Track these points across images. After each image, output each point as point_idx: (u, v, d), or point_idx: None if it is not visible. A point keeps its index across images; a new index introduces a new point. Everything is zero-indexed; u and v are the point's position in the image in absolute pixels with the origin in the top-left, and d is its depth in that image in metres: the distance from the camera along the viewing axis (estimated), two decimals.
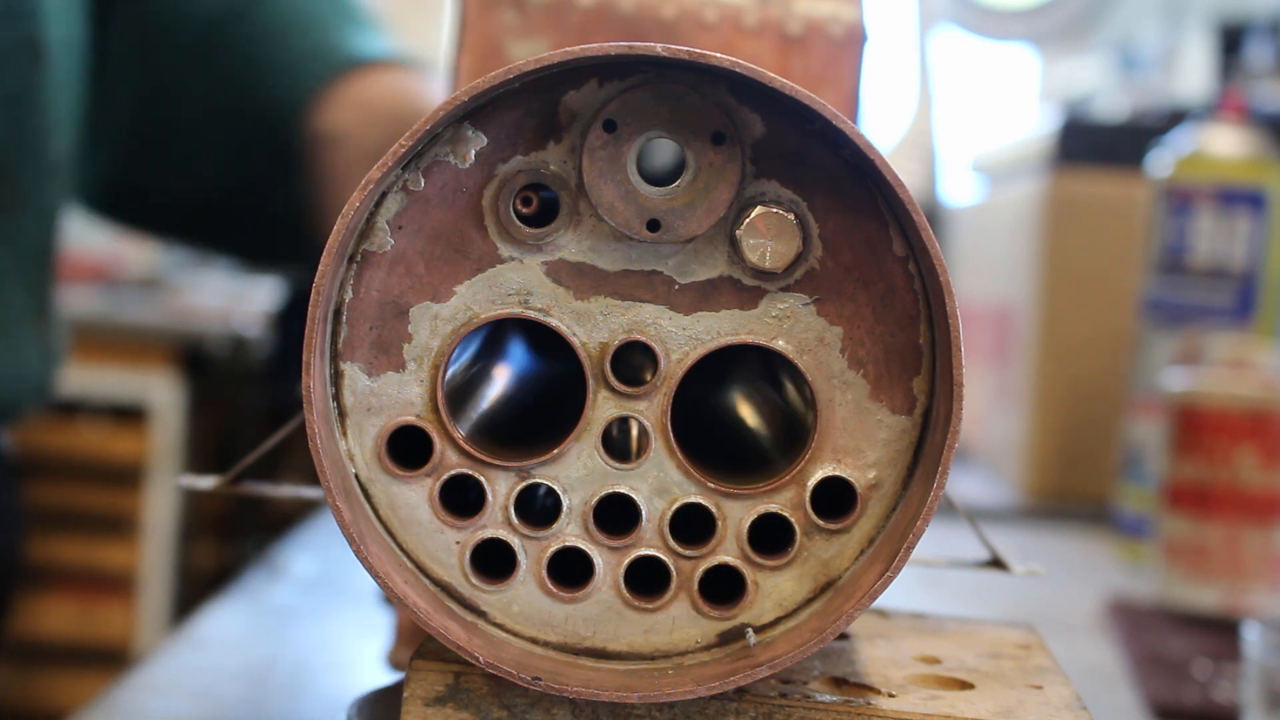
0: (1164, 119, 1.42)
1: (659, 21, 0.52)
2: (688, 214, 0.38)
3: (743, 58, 0.37)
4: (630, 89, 0.38)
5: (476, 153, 0.38)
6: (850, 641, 0.45)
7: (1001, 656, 0.45)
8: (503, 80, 0.36)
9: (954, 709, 0.39)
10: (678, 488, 0.39)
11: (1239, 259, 1.13)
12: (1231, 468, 0.95)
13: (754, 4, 0.53)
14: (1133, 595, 0.99)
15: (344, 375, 0.39)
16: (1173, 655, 0.84)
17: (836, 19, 0.53)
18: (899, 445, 0.39)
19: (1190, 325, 1.13)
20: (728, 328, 0.39)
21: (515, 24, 0.52)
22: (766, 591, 0.39)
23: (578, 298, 0.39)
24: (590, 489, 0.39)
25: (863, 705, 0.39)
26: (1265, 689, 0.69)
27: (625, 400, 0.39)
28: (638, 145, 0.38)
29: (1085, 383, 1.34)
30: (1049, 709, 0.40)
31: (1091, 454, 1.32)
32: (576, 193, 0.38)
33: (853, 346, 0.39)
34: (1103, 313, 1.34)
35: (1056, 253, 1.35)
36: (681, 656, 0.39)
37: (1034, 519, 1.28)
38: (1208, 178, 1.13)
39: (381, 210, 0.38)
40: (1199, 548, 0.95)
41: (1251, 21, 1.93)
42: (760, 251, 0.38)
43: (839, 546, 0.39)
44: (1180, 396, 0.98)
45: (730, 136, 0.38)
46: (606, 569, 0.39)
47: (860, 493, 0.39)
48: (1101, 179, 1.35)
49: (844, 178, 0.38)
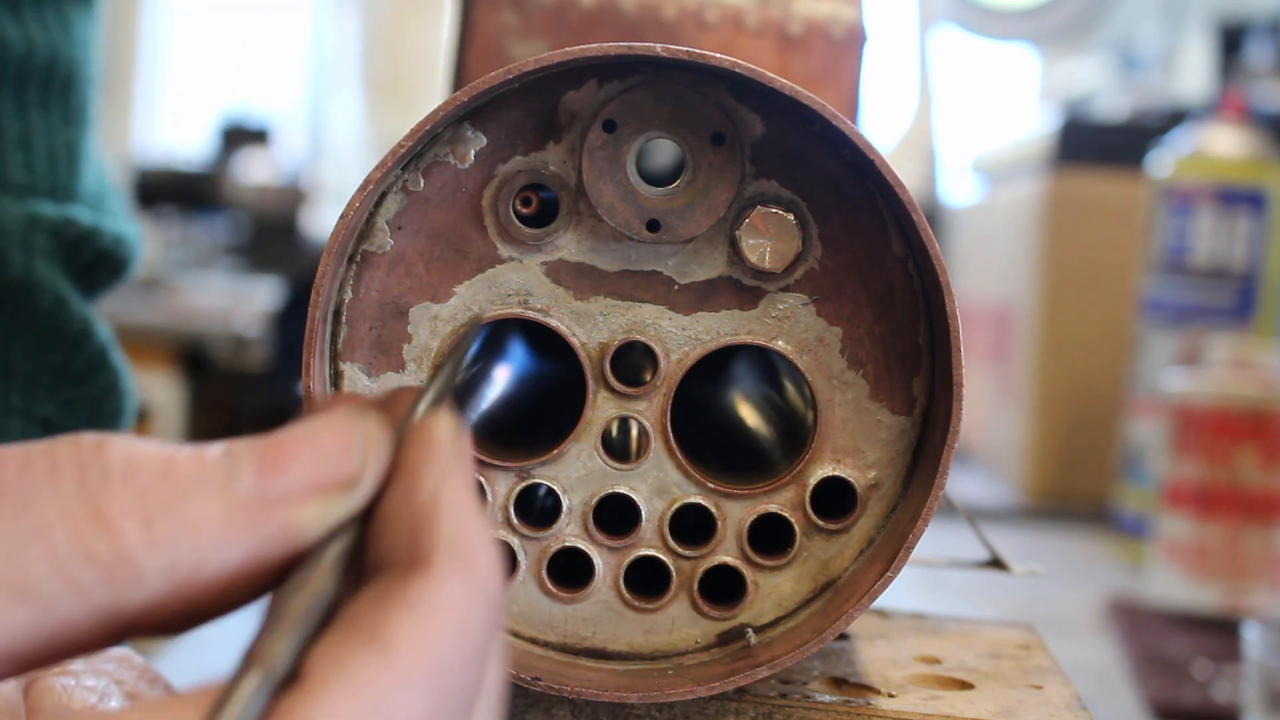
0: (1164, 119, 1.42)
1: (659, 22, 0.52)
2: (687, 214, 0.38)
3: (743, 58, 0.37)
4: (630, 89, 0.37)
5: (476, 153, 0.38)
6: (850, 641, 0.45)
7: (1001, 656, 0.45)
8: (503, 80, 0.36)
9: (954, 709, 0.39)
10: (677, 488, 0.39)
11: (1239, 259, 1.13)
12: (1231, 468, 0.95)
13: (754, 4, 0.53)
14: (1133, 595, 0.99)
15: (344, 375, 0.39)
16: (1173, 655, 0.84)
17: (836, 19, 0.53)
18: (899, 445, 0.39)
19: (1190, 325, 1.13)
20: (727, 328, 0.39)
21: (516, 24, 0.52)
22: (766, 591, 0.39)
23: (577, 298, 0.39)
24: (590, 489, 0.39)
25: (862, 705, 0.39)
26: (1265, 689, 0.69)
27: (625, 400, 0.39)
28: (637, 145, 0.38)
29: (1085, 383, 1.34)
30: (1049, 709, 0.40)
31: (1091, 454, 1.32)
32: (576, 193, 0.38)
33: (852, 346, 0.39)
34: (1103, 313, 1.34)
35: (1056, 253, 1.35)
36: (681, 657, 0.39)
37: (1034, 519, 1.28)
38: (1208, 178, 1.12)
39: (381, 210, 0.38)
40: (1199, 548, 0.95)
41: (1251, 21, 1.93)
42: (760, 251, 0.38)
43: (839, 547, 0.39)
44: (1180, 396, 0.98)
45: (730, 136, 0.38)
46: (606, 569, 0.39)
47: (860, 493, 0.39)
48: (1101, 179, 1.35)
49: (843, 178, 0.38)
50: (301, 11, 4.20)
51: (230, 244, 2.90)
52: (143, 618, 0.24)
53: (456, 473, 0.25)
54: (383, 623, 0.23)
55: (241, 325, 2.53)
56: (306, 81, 4.18)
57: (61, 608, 0.23)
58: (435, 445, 0.26)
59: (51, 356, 0.53)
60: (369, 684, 0.22)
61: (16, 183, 0.54)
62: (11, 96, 0.55)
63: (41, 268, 0.53)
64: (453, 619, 0.24)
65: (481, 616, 0.24)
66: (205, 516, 0.24)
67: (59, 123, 0.56)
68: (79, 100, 0.57)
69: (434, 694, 0.23)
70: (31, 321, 0.52)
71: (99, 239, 0.54)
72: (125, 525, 0.23)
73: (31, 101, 0.55)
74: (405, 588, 0.24)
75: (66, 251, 0.54)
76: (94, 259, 0.55)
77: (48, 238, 0.53)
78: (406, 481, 0.25)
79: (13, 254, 0.52)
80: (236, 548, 0.24)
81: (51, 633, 0.23)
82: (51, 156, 0.56)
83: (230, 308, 2.61)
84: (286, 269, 2.67)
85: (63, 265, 0.54)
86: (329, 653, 0.23)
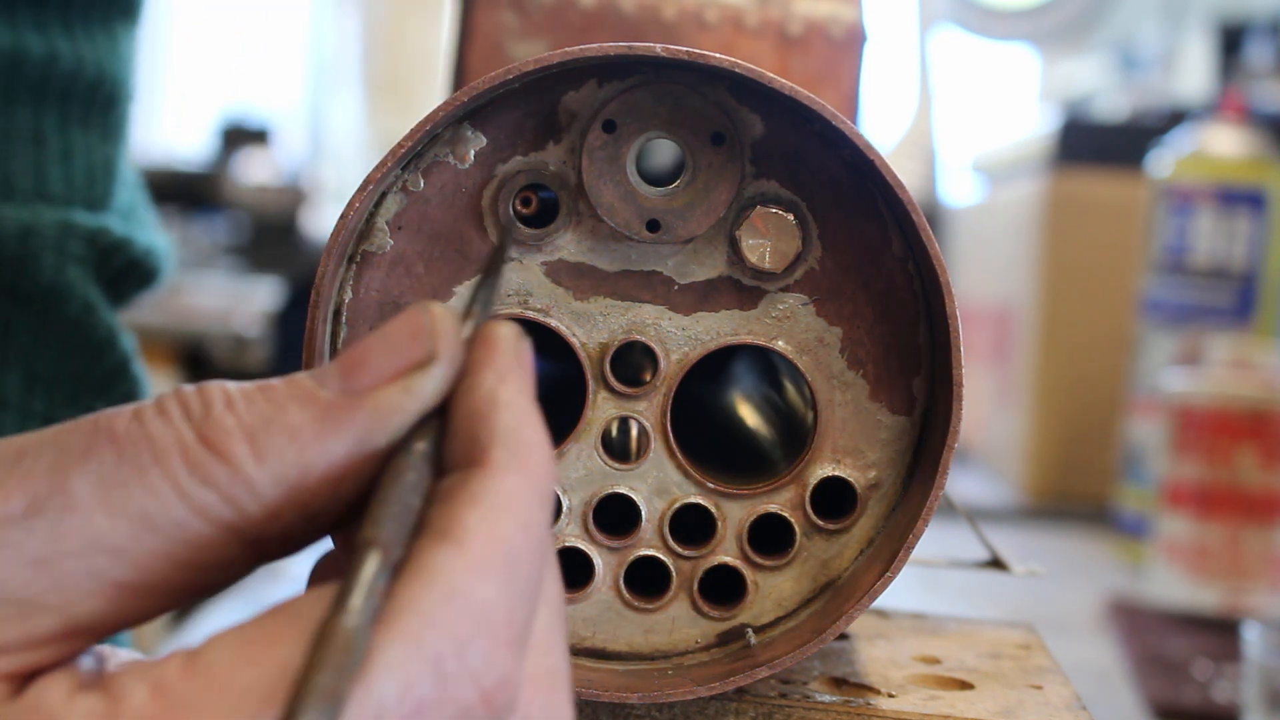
0: (1164, 119, 1.42)
1: (659, 22, 0.52)
2: (687, 214, 0.38)
3: (743, 58, 0.37)
4: (630, 89, 0.37)
5: (476, 153, 0.38)
6: (850, 641, 0.45)
7: (1001, 656, 0.45)
8: (502, 80, 0.36)
9: (953, 709, 0.39)
10: (677, 488, 0.39)
11: (1239, 259, 1.13)
12: (1231, 468, 0.95)
13: (754, 4, 0.53)
14: (1133, 595, 0.99)
15: None
16: (1173, 655, 0.84)
17: (836, 19, 0.53)
18: (899, 445, 0.39)
19: (1190, 325, 1.13)
20: (727, 328, 0.39)
21: (516, 24, 0.52)
22: (766, 591, 0.39)
23: (577, 298, 0.39)
24: (590, 489, 0.39)
25: (862, 705, 0.39)
26: (1265, 689, 0.69)
27: (625, 401, 0.39)
28: (637, 145, 0.38)
29: (1085, 383, 1.34)
30: (1048, 709, 0.40)
31: (1091, 454, 1.32)
32: (576, 193, 0.38)
33: (852, 347, 0.39)
34: (1103, 313, 1.34)
35: (1056, 253, 1.35)
36: (681, 657, 0.39)
37: (1034, 519, 1.28)
38: (1208, 178, 1.13)
39: (381, 210, 0.38)
40: (1199, 548, 0.95)
41: (1251, 21, 1.93)
42: (760, 252, 0.38)
43: (839, 547, 0.39)
44: (1180, 396, 0.98)
45: (730, 137, 0.38)
46: (606, 569, 0.39)
47: (860, 493, 0.39)
48: (1101, 179, 1.35)
49: (843, 178, 0.38)
50: (301, 11, 4.20)
51: (230, 244, 2.90)
52: (267, 531, 0.26)
53: (514, 373, 0.27)
54: (452, 517, 0.25)
55: (241, 325, 2.52)
56: (306, 81, 4.18)
57: (189, 531, 0.25)
58: (495, 347, 0.28)
59: (75, 363, 0.53)
60: (447, 577, 0.24)
61: (55, 195, 0.55)
62: (56, 111, 0.56)
63: (73, 274, 0.53)
64: (514, 511, 0.26)
65: (539, 510, 0.26)
66: (302, 422, 0.26)
67: (98, 140, 0.57)
68: (118, 117, 0.58)
69: (506, 584, 0.25)
70: (59, 327, 0.53)
71: (130, 249, 0.55)
72: (233, 445, 0.25)
73: (74, 117, 0.56)
74: (468, 482, 0.26)
75: (98, 259, 0.55)
76: (125, 268, 0.56)
77: (81, 244, 0.54)
78: (468, 381, 0.27)
79: (46, 258, 0.53)
80: (336, 444, 0.26)
81: (188, 558, 0.26)
82: (90, 172, 0.57)
83: (230, 308, 2.61)
84: (286, 269, 2.67)
85: (94, 273, 0.55)
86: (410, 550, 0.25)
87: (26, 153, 0.55)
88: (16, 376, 0.53)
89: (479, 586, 0.24)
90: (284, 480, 0.26)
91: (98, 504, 0.25)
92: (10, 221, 0.53)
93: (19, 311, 0.53)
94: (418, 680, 0.24)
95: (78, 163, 0.56)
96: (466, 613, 0.24)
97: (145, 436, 0.26)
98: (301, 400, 0.26)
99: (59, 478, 0.25)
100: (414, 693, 0.24)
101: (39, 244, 0.53)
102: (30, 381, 0.53)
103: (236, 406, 0.26)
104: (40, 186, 0.55)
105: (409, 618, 0.24)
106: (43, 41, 0.55)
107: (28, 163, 0.55)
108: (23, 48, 0.54)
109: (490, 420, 0.26)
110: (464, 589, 0.24)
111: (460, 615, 0.24)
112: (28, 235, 0.52)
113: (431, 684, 0.24)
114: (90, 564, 0.25)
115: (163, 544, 0.25)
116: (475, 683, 0.24)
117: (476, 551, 0.25)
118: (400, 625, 0.24)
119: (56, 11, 0.56)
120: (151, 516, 0.25)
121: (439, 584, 0.24)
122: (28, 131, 0.55)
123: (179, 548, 0.25)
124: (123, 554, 0.25)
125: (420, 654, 0.24)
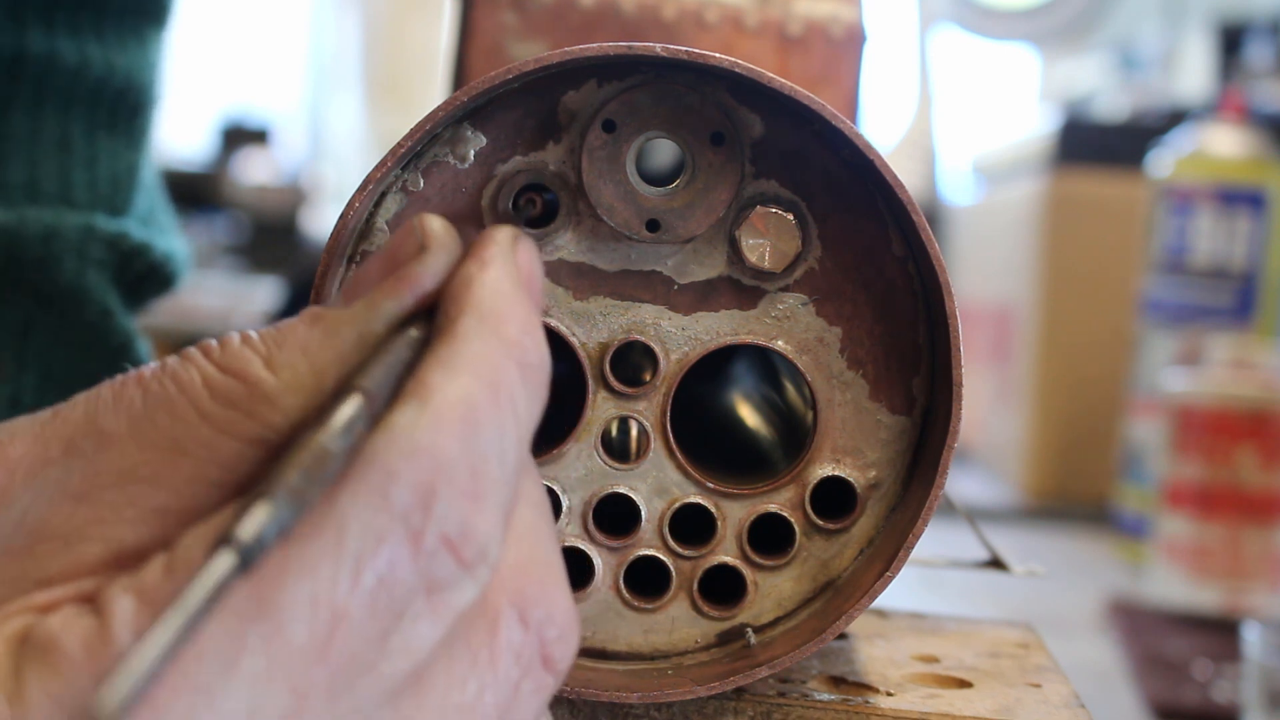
0: (1164, 119, 1.43)
1: (659, 22, 0.52)
2: (687, 214, 0.38)
3: (742, 58, 0.37)
4: (629, 89, 0.38)
5: (476, 153, 0.38)
6: (849, 641, 0.45)
7: (1000, 655, 0.45)
8: (502, 80, 0.36)
9: (952, 707, 0.39)
10: (677, 488, 0.39)
11: (1239, 259, 1.13)
12: (1231, 468, 0.95)
13: (754, 4, 0.53)
14: (1133, 595, 0.99)
15: None
16: (1173, 655, 0.84)
17: (836, 19, 0.53)
18: (898, 445, 0.39)
19: (1190, 325, 1.13)
20: (727, 328, 0.39)
21: (516, 24, 0.52)
22: (766, 591, 0.39)
23: (577, 298, 0.39)
24: (590, 489, 0.39)
25: (861, 704, 0.39)
26: (1265, 689, 0.69)
27: (624, 400, 0.39)
28: (637, 145, 0.38)
29: (1085, 383, 1.34)
30: (1047, 707, 0.40)
31: (1091, 454, 1.32)
32: (576, 193, 0.38)
33: (852, 346, 0.39)
34: (1103, 313, 1.34)
35: (1056, 253, 1.35)
36: (681, 656, 0.39)
37: (1034, 519, 1.28)
38: (1208, 178, 1.13)
39: (381, 211, 0.38)
40: (1199, 548, 0.95)
41: (1251, 21, 1.93)
42: (759, 251, 0.38)
43: (838, 546, 0.39)
44: (1180, 396, 0.98)
45: (730, 137, 0.38)
46: (606, 569, 0.39)
47: (860, 493, 0.39)
48: (1101, 179, 1.35)
49: (843, 178, 0.38)
50: (301, 11, 4.20)
51: (230, 244, 2.90)
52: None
53: (498, 261, 0.29)
54: (418, 380, 0.27)
55: (241, 325, 2.52)
56: (306, 81, 4.18)
57: (218, 450, 0.26)
58: (487, 239, 0.30)
59: (91, 366, 0.54)
60: (409, 432, 0.26)
61: (79, 200, 0.56)
62: (84, 117, 0.56)
63: (93, 277, 0.54)
64: (479, 372, 0.27)
65: (509, 375, 0.27)
66: (310, 333, 0.28)
67: (123, 146, 0.58)
68: (144, 123, 0.59)
69: (469, 439, 0.26)
70: (77, 330, 0.54)
71: (150, 253, 0.56)
72: (248, 366, 0.27)
73: (101, 123, 0.57)
74: (436, 348, 0.27)
75: (118, 263, 0.55)
76: (144, 273, 0.56)
77: (102, 248, 0.54)
78: (455, 270, 0.29)
79: (67, 260, 0.53)
80: (341, 342, 0.28)
81: (221, 478, 0.27)
82: (113, 178, 0.57)
83: (230, 308, 2.60)
84: (286, 269, 2.67)
85: (113, 277, 0.55)
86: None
87: (53, 157, 0.56)
88: (33, 377, 0.53)
89: (441, 441, 0.26)
90: (300, 388, 0.27)
91: (129, 437, 0.27)
92: (34, 223, 0.53)
93: (39, 313, 0.53)
94: (388, 531, 0.25)
95: (102, 168, 0.57)
96: (429, 466, 0.25)
97: (170, 375, 0.27)
98: (308, 318, 0.28)
99: (91, 421, 0.27)
100: (385, 544, 0.25)
101: (61, 246, 0.53)
102: (46, 383, 0.53)
103: (251, 339, 0.28)
104: (65, 191, 0.55)
105: (373, 471, 0.25)
106: (75, 47, 0.55)
107: (53, 167, 0.55)
108: (56, 53, 0.55)
109: (462, 296, 0.28)
110: (426, 444, 0.26)
111: (422, 468, 0.25)
112: (51, 238, 0.53)
113: (401, 536, 0.25)
114: (128, 493, 0.26)
115: (195, 466, 0.26)
116: (440, 533, 0.25)
117: (437, 408, 0.26)
118: (366, 478, 0.25)
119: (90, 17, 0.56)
120: (180, 441, 0.26)
121: (401, 439, 0.26)
122: (55, 136, 0.55)
123: (211, 468, 0.26)
124: (158, 480, 0.26)
125: (387, 505, 0.25)
